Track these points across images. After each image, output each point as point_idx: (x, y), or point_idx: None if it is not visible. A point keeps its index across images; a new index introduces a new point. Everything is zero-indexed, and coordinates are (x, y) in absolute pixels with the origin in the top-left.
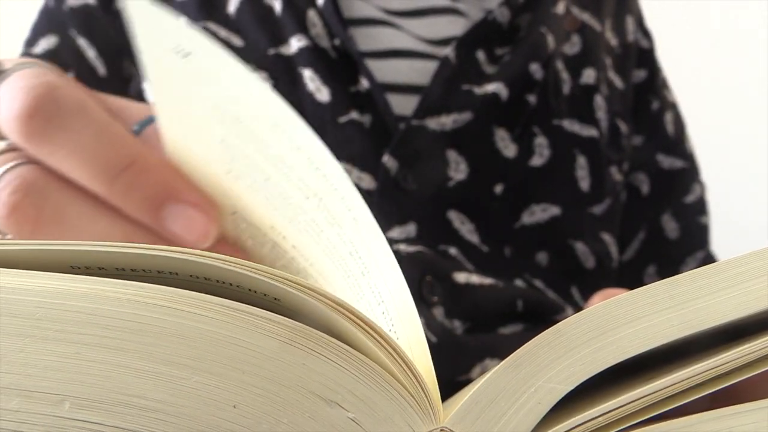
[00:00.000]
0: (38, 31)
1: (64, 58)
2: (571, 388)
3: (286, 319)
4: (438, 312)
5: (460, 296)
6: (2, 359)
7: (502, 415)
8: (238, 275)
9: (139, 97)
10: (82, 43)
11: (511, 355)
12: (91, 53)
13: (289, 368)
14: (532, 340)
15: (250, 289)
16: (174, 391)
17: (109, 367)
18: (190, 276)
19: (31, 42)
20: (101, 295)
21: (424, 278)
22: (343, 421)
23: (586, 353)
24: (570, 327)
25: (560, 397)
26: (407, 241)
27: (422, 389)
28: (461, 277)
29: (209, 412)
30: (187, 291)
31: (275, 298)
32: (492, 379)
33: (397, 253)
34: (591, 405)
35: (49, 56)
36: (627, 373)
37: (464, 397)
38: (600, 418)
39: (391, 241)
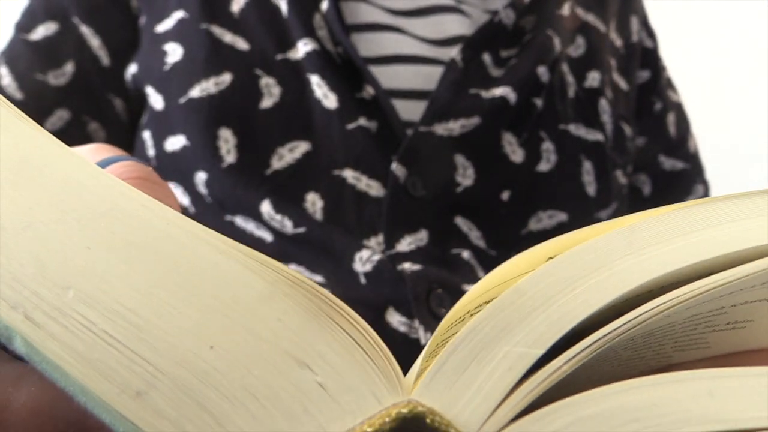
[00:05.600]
0: (35, 16)
1: (64, 46)
2: (543, 351)
3: (274, 261)
4: None
5: None
6: (33, 226)
7: (471, 383)
8: None
9: (137, 90)
10: (86, 30)
11: (472, 320)
12: (95, 42)
13: (266, 322)
14: (493, 301)
15: None
16: (161, 316)
17: (111, 270)
18: None
19: (26, 28)
20: (118, 194)
21: (433, 292)
22: (310, 384)
23: (551, 311)
24: (531, 285)
25: (533, 362)
26: (416, 252)
27: (387, 361)
28: None
29: (188, 347)
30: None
31: None
32: (454, 346)
33: (401, 272)
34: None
35: (47, 44)
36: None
37: (423, 365)
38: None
39: (397, 259)
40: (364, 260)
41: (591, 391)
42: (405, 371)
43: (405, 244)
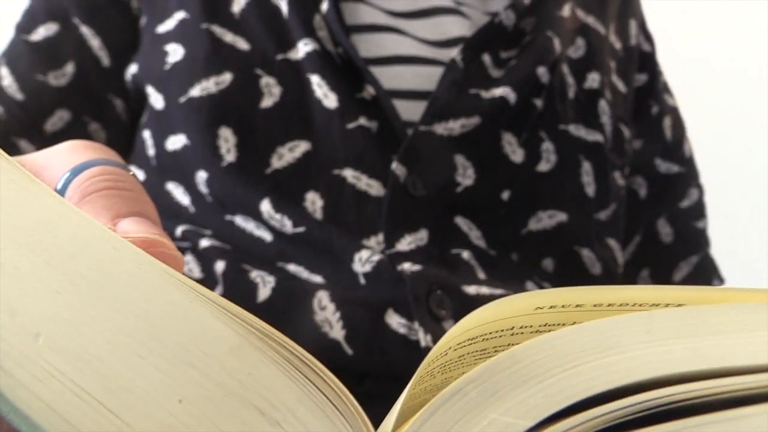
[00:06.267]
0: (35, 17)
1: (64, 47)
2: (533, 423)
3: (245, 312)
4: (448, 326)
5: (471, 308)
6: (3, 269)
7: None
8: None
9: (137, 90)
10: (86, 31)
11: (458, 380)
12: (95, 42)
13: (236, 375)
14: (483, 365)
15: None
16: (129, 366)
17: (80, 316)
18: None
19: (27, 29)
20: (89, 235)
21: (433, 293)
22: None
23: (548, 383)
24: (528, 354)
25: None
26: (416, 252)
27: (359, 417)
28: (471, 289)
29: (156, 399)
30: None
31: None
32: (436, 407)
33: (400, 273)
34: None
35: (48, 44)
36: None
37: (399, 421)
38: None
39: (396, 259)
40: (364, 261)
41: None
42: (405, 373)
43: (405, 244)
